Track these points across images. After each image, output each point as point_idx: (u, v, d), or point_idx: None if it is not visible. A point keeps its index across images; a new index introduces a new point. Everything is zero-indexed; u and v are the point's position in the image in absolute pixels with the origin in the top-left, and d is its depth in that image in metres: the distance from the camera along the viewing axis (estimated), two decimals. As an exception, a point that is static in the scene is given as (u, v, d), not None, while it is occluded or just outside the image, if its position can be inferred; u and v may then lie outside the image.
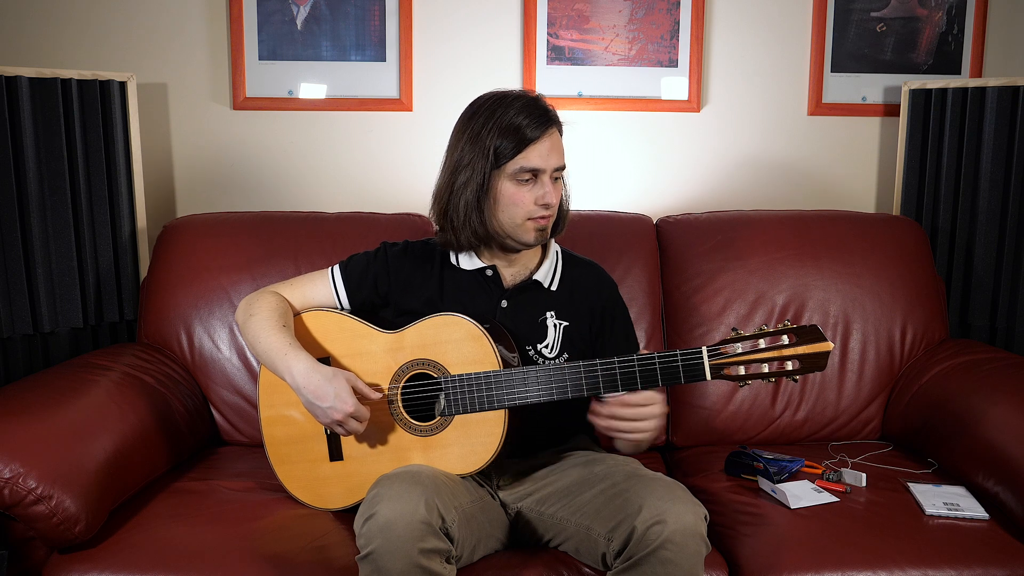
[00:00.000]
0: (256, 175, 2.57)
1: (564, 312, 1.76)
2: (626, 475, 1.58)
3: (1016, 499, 1.68)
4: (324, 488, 1.72)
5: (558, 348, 1.74)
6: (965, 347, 2.17)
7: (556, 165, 1.66)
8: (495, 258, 1.75)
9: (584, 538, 1.55)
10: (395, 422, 1.67)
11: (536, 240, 1.69)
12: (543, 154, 1.63)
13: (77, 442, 1.66)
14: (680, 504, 1.44)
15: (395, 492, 1.41)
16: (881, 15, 2.55)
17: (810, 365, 1.49)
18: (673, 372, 1.54)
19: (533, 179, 1.65)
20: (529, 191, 1.65)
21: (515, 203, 1.65)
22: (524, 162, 1.63)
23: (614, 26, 2.53)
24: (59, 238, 2.22)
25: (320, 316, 1.75)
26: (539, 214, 1.66)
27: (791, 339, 1.50)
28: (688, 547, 1.41)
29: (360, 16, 2.51)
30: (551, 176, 1.66)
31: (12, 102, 2.14)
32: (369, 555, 1.38)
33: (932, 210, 2.47)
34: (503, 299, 1.74)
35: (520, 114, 1.63)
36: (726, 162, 2.59)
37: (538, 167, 1.64)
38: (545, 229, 1.68)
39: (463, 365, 1.63)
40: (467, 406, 1.62)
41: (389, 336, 1.69)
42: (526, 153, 1.63)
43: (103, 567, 1.56)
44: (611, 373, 1.56)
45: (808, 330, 1.49)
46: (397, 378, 1.68)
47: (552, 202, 1.65)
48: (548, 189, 1.64)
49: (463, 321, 1.64)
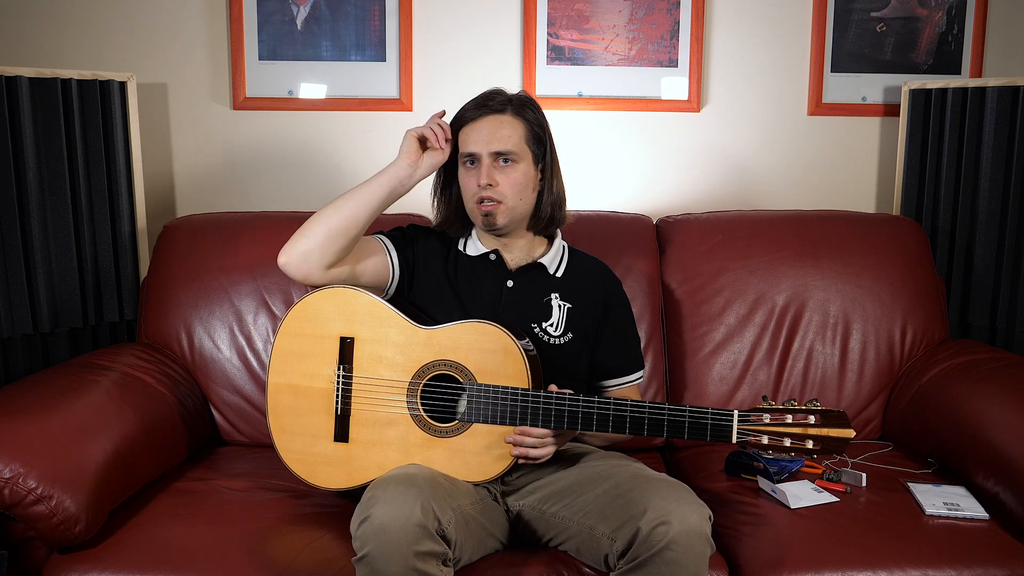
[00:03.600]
0: (256, 175, 2.57)
1: (568, 295, 1.81)
2: (630, 475, 1.58)
3: (1016, 499, 1.68)
4: (322, 466, 1.70)
5: (563, 327, 1.78)
6: (965, 347, 2.17)
7: (493, 149, 1.72)
8: (494, 243, 1.82)
9: (586, 538, 1.55)
10: (409, 416, 1.67)
11: (485, 225, 1.76)
12: (477, 138, 1.73)
13: (77, 442, 1.66)
14: (685, 505, 1.44)
15: (390, 495, 1.41)
16: (881, 15, 2.55)
17: (830, 448, 1.54)
18: (701, 429, 1.57)
19: (477, 164, 1.73)
20: (473, 175, 1.74)
21: (464, 187, 1.77)
22: (463, 146, 1.76)
23: (614, 26, 2.53)
24: (59, 238, 2.22)
25: (351, 295, 1.71)
26: (480, 195, 1.73)
27: (817, 419, 1.54)
28: (693, 548, 1.42)
29: (360, 16, 2.51)
30: (491, 160, 1.72)
31: (12, 102, 2.14)
32: (364, 558, 1.39)
33: (932, 210, 2.46)
34: (509, 279, 1.80)
35: (466, 104, 1.77)
36: (726, 162, 2.59)
37: (473, 151, 1.73)
38: (491, 214, 1.73)
39: (492, 376, 1.63)
40: (488, 417, 1.62)
41: (420, 331, 1.68)
42: (463, 135, 1.76)
43: (103, 567, 1.56)
44: (640, 417, 1.58)
45: (835, 415, 1.54)
46: (420, 375, 1.67)
47: (486, 183, 1.71)
48: (484, 171, 1.71)
49: (502, 333, 1.64)
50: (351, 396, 1.70)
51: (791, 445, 1.54)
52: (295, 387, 1.73)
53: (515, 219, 1.77)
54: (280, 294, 2.20)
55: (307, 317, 1.73)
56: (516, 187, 1.74)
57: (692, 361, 2.19)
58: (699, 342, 2.19)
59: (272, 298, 2.20)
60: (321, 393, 1.70)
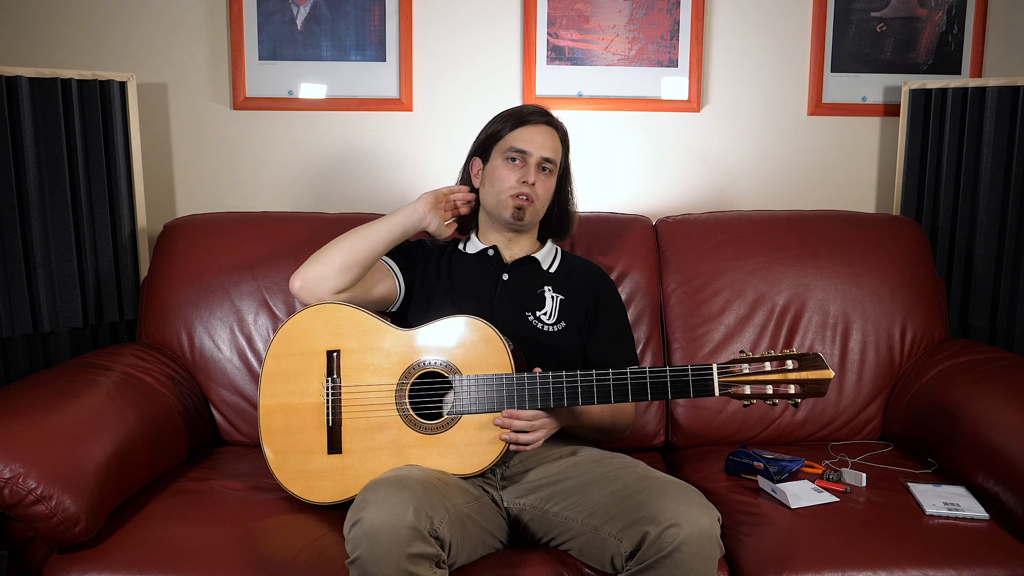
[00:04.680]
0: (256, 175, 2.57)
1: (560, 288, 1.90)
2: (638, 477, 1.58)
3: (1016, 499, 1.68)
4: (317, 481, 1.71)
5: (556, 316, 1.86)
6: (965, 347, 2.17)
7: (544, 154, 1.85)
8: (495, 239, 1.92)
9: (591, 538, 1.55)
10: (400, 418, 1.68)
11: (512, 218, 1.85)
12: (533, 139, 1.85)
13: (77, 442, 1.66)
14: (696, 508, 1.45)
15: (381, 498, 1.41)
16: (881, 15, 2.55)
17: (811, 390, 1.58)
18: (683, 386, 1.60)
19: (522, 162, 1.84)
20: (515, 171, 1.85)
21: (501, 178, 1.85)
22: (514, 142, 1.85)
23: (614, 26, 2.53)
24: (59, 238, 2.22)
25: (335, 309, 1.76)
26: (519, 191, 1.83)
27: (795, 364, 1.58)
28: (703, 551, 1.42)
29: (360, 16, 2.51)
30: (538, 164, 1.84)
31: (12, 102, 2.14)
32: (356, 561, 1.39)
33: (932, 210, 2.47)
34: (504, 272, 1.89)
35: (514, 110, 1.90)
36: (726, 162, 2.59)
37: (525, 149, 1.84)
38: (523, 209, 1.84)
39: (476, 367, 1.65)
40: (476, 406, 1.64)
41: (402, 333, 1.72)
42: (517, 133, 1.86)
43: (103, 567, 1.56)
44: (623, 383, 1.62)
45: (811, 357, 1.58)
46: (407, 375, 1.69)
47: (532, 181, 1.83)
48: (532, 171, 1.83)
49: (481, 324, 1.67)
50: (341, 407, 1.71)
51: (774, 392, 1.58)
52: (286, 406, 1.74)
53: (535, 221, 1.91)
54: (281, 294, 2.20)
55: (294, 337, 1.76)
56: (548, 193, 1.89)
57: (691, 361, 2.19)
58: (698, 342, 2.19)
59: (272, 298, 2.20)
60: (312, 408, 1.72)
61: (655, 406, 2.18)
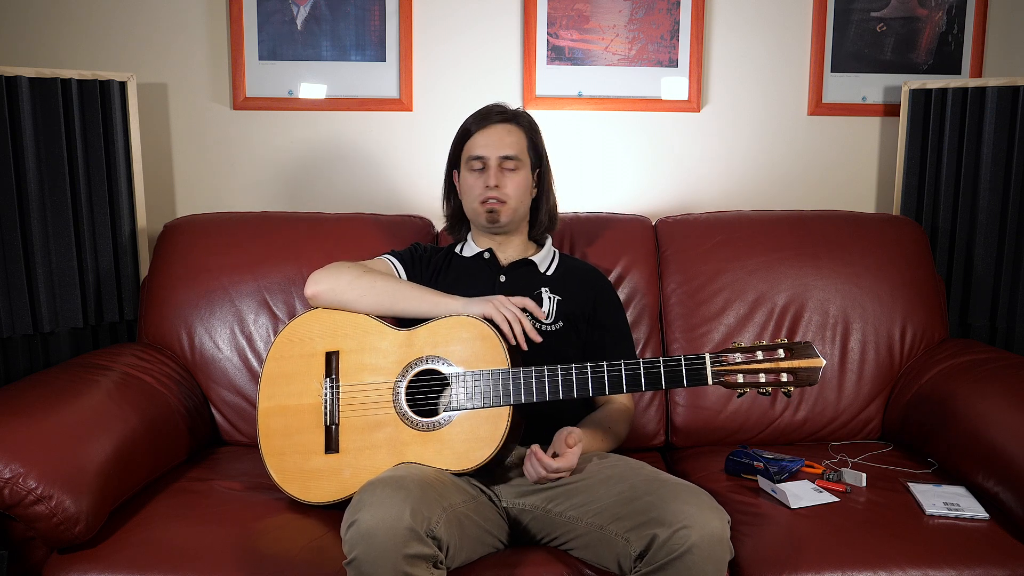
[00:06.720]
0: (256, 175, 2.57)
1: (558, 290, 1.91)
2: (645, 478, 1.58)
3: (1016, 499, 1.68)
4: (314, 481, 1.71)
5: (554, 315, 1.88)
6: (965, 347, 2.17)
7: (502, 153, 1.88)
8: (488, 242, 1.95)
9: (597, 539, 1.55)
10: (396, 416, 1.68)
11: (488, 222, 1.89)
12: (487, 143, 1.89)
13: (77, 442, 1.66)
14: (707, 510, 1.45)
15: (377, 498, 1.41)
16: (881, 15, 2.55)
17: (803, 379, 1.58)
18: (677, 376, 1.61)
19: (484, 166, 1.88)
20: (480, 177, 1.89)
21: (469, 187, 1.91)
22: (472, 150, 1.90)
23: (614, 26, 2.53)
24: (59, 238, 2.22)
25: (334, 313, 1.78)
26: (486, 195, 1.87)
27: (786, 353, 1.59)
28: (714, 553, 1.42)
29: (360, 16, 2.51)
30: (498, 164, 1.87)
31: (12, 102, 2.14)
32: (353, 562, 1.39)
33: (932, 210, 2.47)
34: (501, 274, 1.92)
35: (469, 117, 1.93)
36: (726, 162, 2.59)
37: (482, 154, 1.88)
38: (495, 211, 1.88)
39: (473, 363, 1.66)
40: (472, 402, 1.64)
41: (400, 333, 1.73)
42: (474, 140, 1.90)
43: (103, 567, 1.56)
44: (617, 375, 1.62)
45: (802, 346, 1.59)
46: (404, 373, 1.70)
47: (495, 184, 1.86)
48: (492, 174, 1.87)
49: (476, 322, 1.68)
50: (339, 407, 1.72)
51: (766, 380, 1.59)
52: (284, 408, 1.75)
53: (515, 219, 1.91)
54: (281, 294, 2.20)
55: (294, 340, 1.78)
56: (519, 190, 1.89)
57: (692, 361, 2.19)
58: (698, 342, 2.19)
59: (273, 298, 2.20)
60: (310, 409, 1.73)
61: (655, 406, 2.18)
